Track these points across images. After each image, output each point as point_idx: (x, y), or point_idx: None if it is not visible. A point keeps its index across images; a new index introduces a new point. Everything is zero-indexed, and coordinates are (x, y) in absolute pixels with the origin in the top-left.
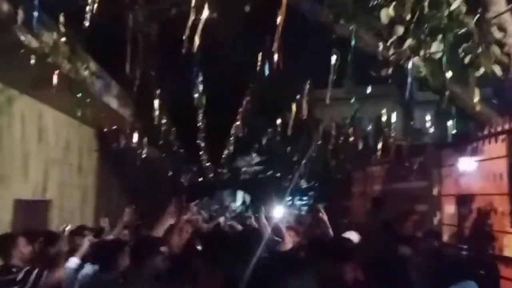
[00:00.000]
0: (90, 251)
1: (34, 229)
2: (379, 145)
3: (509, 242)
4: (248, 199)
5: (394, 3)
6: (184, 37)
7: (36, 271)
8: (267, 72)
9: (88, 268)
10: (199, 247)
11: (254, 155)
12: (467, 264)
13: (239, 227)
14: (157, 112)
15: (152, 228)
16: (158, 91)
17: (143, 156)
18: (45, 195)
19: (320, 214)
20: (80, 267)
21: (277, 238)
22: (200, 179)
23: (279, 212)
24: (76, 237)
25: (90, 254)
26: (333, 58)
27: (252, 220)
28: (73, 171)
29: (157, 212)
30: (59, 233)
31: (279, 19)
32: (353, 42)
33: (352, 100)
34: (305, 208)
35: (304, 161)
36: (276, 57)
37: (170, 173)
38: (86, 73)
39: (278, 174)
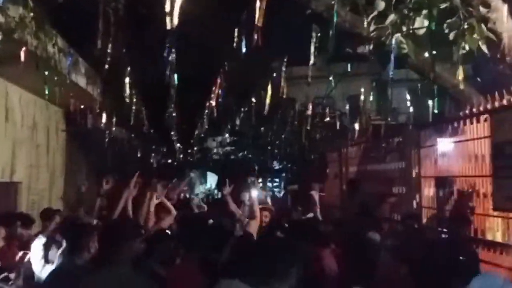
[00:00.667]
0: (59, 230)
1: (7, 212)
2: (355, 125)
3: (491, 225)
4: (217, 180)
5: None
6: (154, 13)
7: None
8: (244, 49)
9: (55, 251)
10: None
11: (226, 135)
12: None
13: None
14: (127, 91)
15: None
16: (128, 70)
17: (112, 136)
18: (13, 177)
19: (313, 193)
20: (47, 247)
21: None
22: (169, 161)
23: (252, 193)
24: (46, 221)
25: (60, 234)
26: (313, 34)
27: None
28: (41, 152)
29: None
30: (31, 216)
31: None
32: (334, 18)
33: (330, 78)
34: (277, 190)
35: (277, 142)
36: (255, 34)
37: (139, 154)
38: (53, 50)
39: (250, 155)
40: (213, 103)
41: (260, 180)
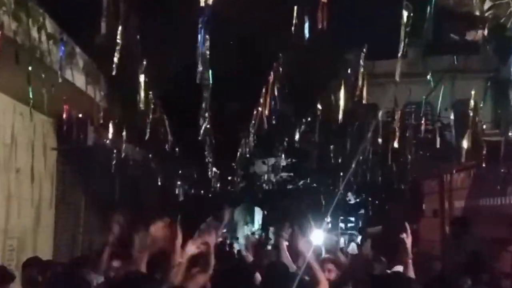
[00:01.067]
0: None
1: None
2: (463, 142)
3: None
4: (270, 220)
5: None
6: None
7: None
8: (306, 35)
9: None
10: None
11: (281, 157)
12: None
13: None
14: (141, 94)
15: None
16: (144, 64)
17: (121, 157)
18: None
19: (403, 238)
20: None
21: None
22: (202, 191)
23: (315, 238)
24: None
25: None
26: (404, 15)
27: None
28: (22, 179)
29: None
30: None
31: None
32: None
33: (428, 77)
34: (352, 232)
35: (353, 166)
36: (320, 12)
37: (159, 182)
38: (39, 36)
39: (315, 185)
40: (264, 111)
41: (328, 219)
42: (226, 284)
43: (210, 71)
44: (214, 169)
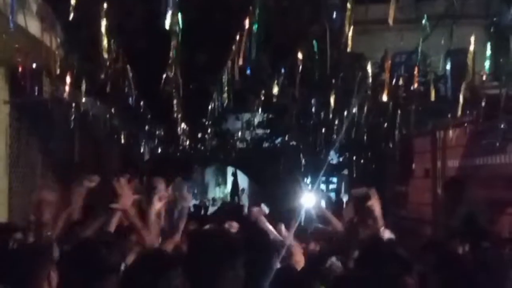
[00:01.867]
0: None
1: None
2: (459, 95)
3: None
4: (245, 181)
5: None
6: None
7: None
8: None
9: None
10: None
11: (257, 112)
12: None
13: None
14: (103, 42)
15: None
16: (105, 7)
17: (81, 112)
18: None
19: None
20: None
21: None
22: (170, 150)
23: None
24: None
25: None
26: None
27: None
28: None
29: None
30: None
31: None
32: None
33: (424, 22)
34: (335, 195)
35: (336, 122)
36: None
37: (122, 140)
38: None
39: (295, 143)
40: (238, 61)
41: (308, 180)
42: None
43: (180, 16)
44: (183, 125)
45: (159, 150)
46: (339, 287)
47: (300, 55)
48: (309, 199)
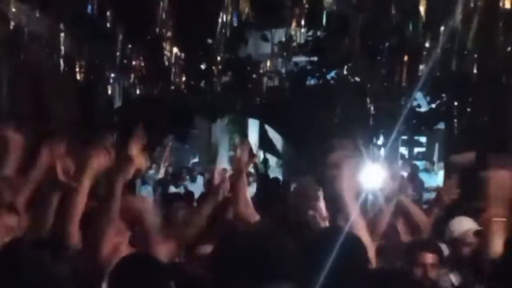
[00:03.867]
0: None
1: None
2: None
3: None
4: (276, 142)
5: None
6: None
7: None
8: None
9: None
10: None
11: (297, 28)
12: None
13: None
14: None
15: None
16: None
17: (9, 27)
18: None
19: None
20: None
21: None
22: (154, 91)
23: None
24: None
25: None
26: None
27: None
28: None
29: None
30: None
31: None
32: None
33: None
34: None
35: (427, 43)
36: None
37: (78, 75)
38: None
39: (357, 79)
40: None
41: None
42: None
43: None
44: (175, 50)
45: (138, 92)
46: None
47: None
48: (377, 175)
